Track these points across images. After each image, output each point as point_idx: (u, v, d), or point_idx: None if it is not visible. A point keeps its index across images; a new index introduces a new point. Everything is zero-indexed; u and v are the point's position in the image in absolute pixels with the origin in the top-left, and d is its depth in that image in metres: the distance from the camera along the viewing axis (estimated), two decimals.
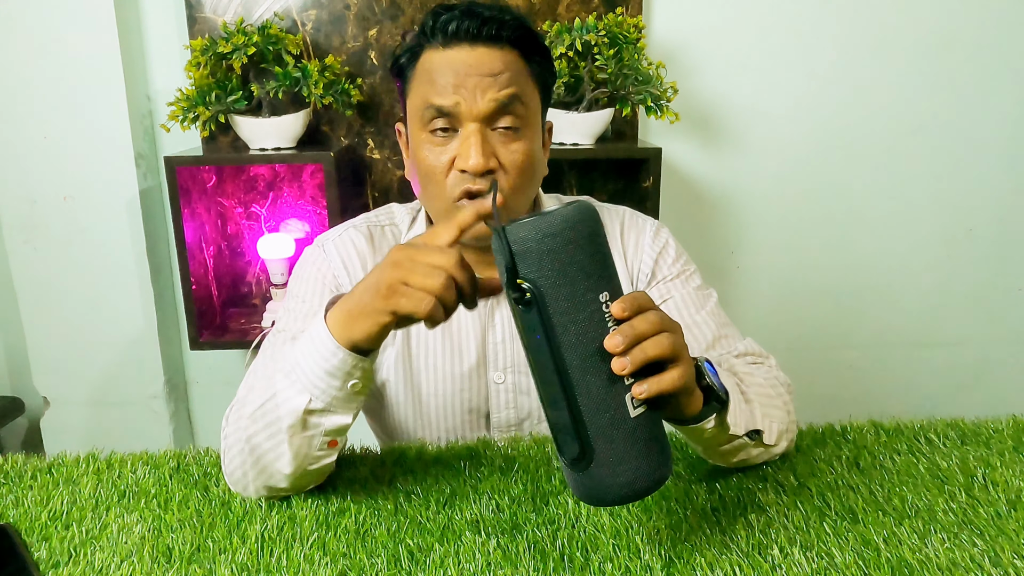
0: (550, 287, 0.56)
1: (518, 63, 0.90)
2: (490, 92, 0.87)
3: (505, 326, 1.00)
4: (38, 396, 1.87)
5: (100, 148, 1.68)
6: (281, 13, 1.66)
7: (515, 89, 0.88)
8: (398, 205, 1.06)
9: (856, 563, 0.66)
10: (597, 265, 0.58)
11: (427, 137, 0.90)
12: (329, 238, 1.01)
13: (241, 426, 0.77)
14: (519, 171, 0.90)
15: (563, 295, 0.56)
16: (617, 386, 0.58)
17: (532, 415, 1.02)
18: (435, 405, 1.01)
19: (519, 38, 0.90)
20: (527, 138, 0.91)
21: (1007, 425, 0.94)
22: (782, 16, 1.76)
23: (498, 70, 0.88)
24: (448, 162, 0.89)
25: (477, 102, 0.87)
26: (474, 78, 0.87)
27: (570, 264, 0.57)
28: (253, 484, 0.77)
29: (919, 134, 1.86)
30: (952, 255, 1.96)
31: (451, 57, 0.89)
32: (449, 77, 0.88)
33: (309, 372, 0.72)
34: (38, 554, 0.70)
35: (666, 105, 1.59)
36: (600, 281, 0.58)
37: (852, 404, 1.98)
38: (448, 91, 0.87)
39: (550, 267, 0.56)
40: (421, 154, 0.91)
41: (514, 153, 0.89)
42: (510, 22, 0.89)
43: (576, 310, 0.57)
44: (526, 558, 0.68)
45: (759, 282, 1.94)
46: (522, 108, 0.89)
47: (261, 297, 1.89)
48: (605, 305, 0.58)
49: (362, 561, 0.68)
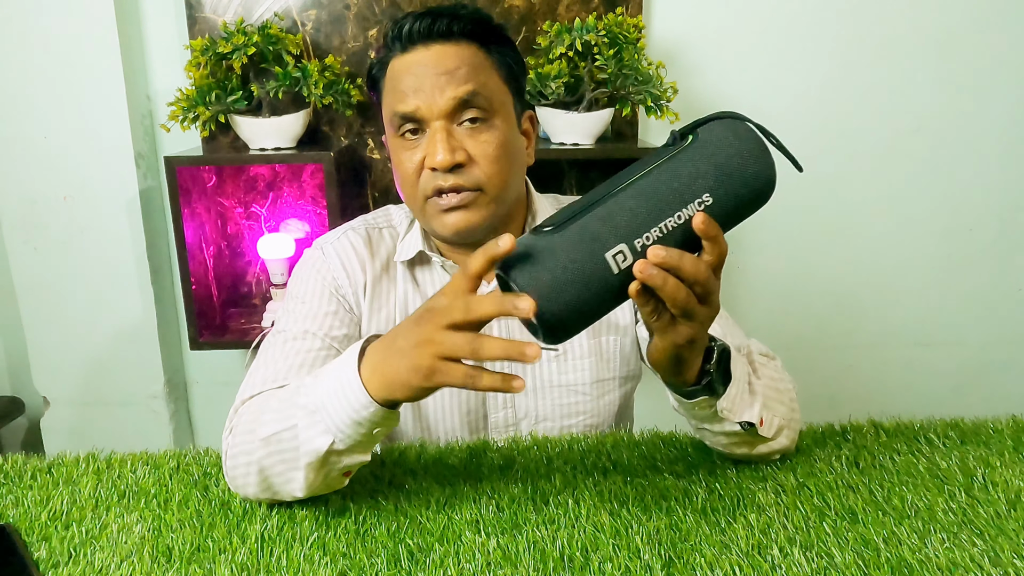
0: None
1: (476, 55, 0.91)
2: (448, 89, 0.88)
3: (501, 324, 1.00)
4: (38, 396, 1.87)
5: (100, 148, 1.68)
6: (281, 13, 1.66)
7: (473, 84, 0.89)
8: (395, 207, 1.06)
9: (856, 563, 0.66)
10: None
11: (399, 142, 0.92)
12: (328, 241, 1.01)
13: (252, 447, 0.75)
14: (491, 160, 0.90)
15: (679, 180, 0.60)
16: (627, 242, 0.58)
17: (530, 415, 1.02)
18: (433, 407, 1.01)
19: (472, 31, 0.91)
20: (496, 127, 0.91)
21: (1007, 425, 0.94)
22: (782, 16, 1.76)
23: (454, 66, 0.89)
24: (420, 162, 0.91)
25: (436, 101, 0.88)
26: (431, 78, 0.89)
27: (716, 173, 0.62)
28: (256, 494, 0.77)
29: (919, 134, 1.86)
30: (952, 255, 1.96)
31: (409, 61, 0.90)
32: (409, 81, 0.89)
33: (336, 417, 0.69)
34: (38, 554, 0.70)
35: (666, 105, 1.59)
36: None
37: (852, 404, 1.98)
38: (408, 96, 0.89)
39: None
40: (396, 158, 0.93)
41: (484, 144, 0.90)
42: (463, 15, 0.90)
43: (673, 204, 0.59)
44: (526, 558, 0.68)
45: (759, 282, 1.94)
46: (484, 100, 0.90)
47: (261, 297, 1.89)
48: (685, 221, 0.60)
49: (362, 561, 0.68)
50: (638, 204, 0.59)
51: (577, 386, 1.02)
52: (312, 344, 0.91)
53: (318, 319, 0.95)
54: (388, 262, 1.01)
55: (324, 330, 0.93)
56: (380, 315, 1.00)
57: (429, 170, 0.90)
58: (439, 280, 1.01)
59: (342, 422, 0.69)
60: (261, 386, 0.85)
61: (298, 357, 0.89)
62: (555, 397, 1.02)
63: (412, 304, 1.00)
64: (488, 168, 0.90)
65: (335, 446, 0.70)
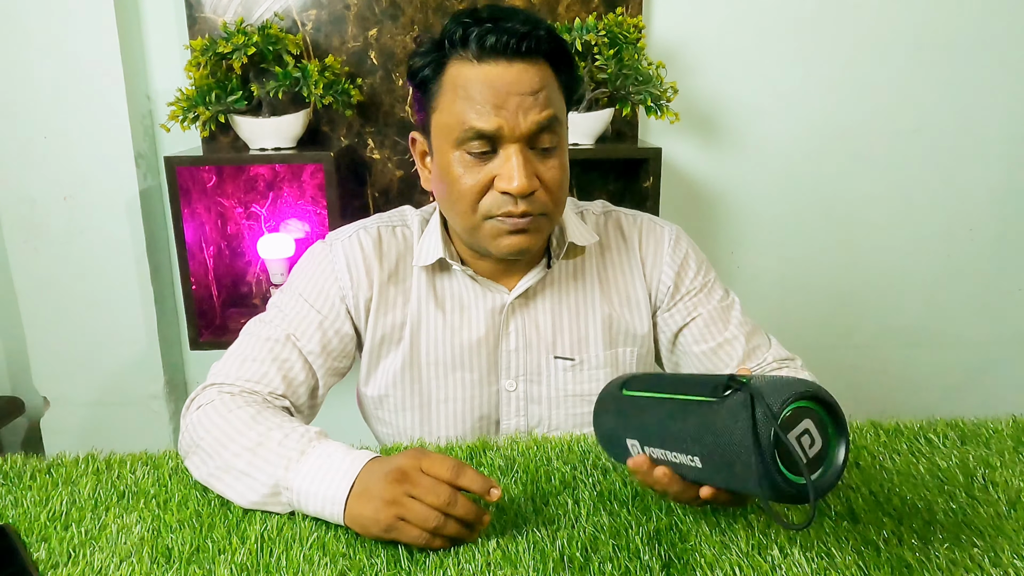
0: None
1: (550, 76, 0.88)
2: (532, 113, 0.85)
3: (519, 335, 0.99)
4: (38, 396, 1.87)
5: (100, 148, 1.68)
6: (281, 13, 1.66)
7: (553, 110, 0.87)
8: (411, 208, 1.05)
9: (856, 563, 0.66)
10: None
11: (461, 156, 0.88)
12: (340, 237, 1.00)
13: (203, 458, 0.81)
14: (558, 186, 0.90)
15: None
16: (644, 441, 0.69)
17: (542, 423, 1.02)
18: (444, 412, 1.00)
19: (551, 51, 0.88)
20: (561, 152, 0.90)
21: (1007, 425, 0.94)
22: (782, 16, 1.76)
23: (537, 87, 0.86)
24: (486, 181, 0.87)
25: (519, 124, 0.85)
26: (515, 98, 0.85)
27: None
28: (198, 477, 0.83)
29: (919, 134, 1.86)
30: (952, 255, 1.96)
31: (488, 73, 0.85)
32: (488, 96, 0.85)
33: (301, 506, 0.74)
34: (37, 554, 0.70)
35: (666, 105, 1.59)
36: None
37: (852, 404, 1.98)
38: (489, 113, 0.84)
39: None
40: (454, 172, 0.88)
41: (552, 170, 0.89)
42: (544, 36, 0.86)
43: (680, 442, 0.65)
44: (526, 558, 0.68)
45: (759, 282, 1.94)
46: (559, 124, 0.88)
47: (261, 297, 1.89)
48: (677, 462, 0.66)
49: (362, 561, 0.68)
50: (654, 420, 0.68)
51: (592, 396, 0.99)
52: (289, 354, 0.94)
53: (302, 325, 0.96)
54: (398, 264, 1.00)
55: (304, 340, 0.96)
56: (386, 320, 0.99)
57: (499, 192, 0.87)
58: (459, 288, 0.99)
59: (306, 509, 0.74)
60: (235, 378, 0.91)
61: (274, 365, 0.93)
62: (569, 407, 1.01)
63: (426, 314, 0.99)
64: (554, 194, 0.90)
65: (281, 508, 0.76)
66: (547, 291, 1.00)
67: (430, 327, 0.98)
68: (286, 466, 0.74)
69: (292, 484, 0.74)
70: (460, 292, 0.99)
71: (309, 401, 0.97)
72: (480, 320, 0.98)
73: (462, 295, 0.99)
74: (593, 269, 1.02)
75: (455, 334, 0.98)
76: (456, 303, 0.99)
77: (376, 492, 0.70)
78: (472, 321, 0.98)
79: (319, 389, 0.97)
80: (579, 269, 1.01)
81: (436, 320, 0.98)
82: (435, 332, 0.99)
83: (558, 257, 0.99)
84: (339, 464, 0.73)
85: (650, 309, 1.04)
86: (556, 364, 1.00)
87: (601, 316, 1.01)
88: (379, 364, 1.01)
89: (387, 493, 0.69)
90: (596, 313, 1.01)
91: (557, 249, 0.99)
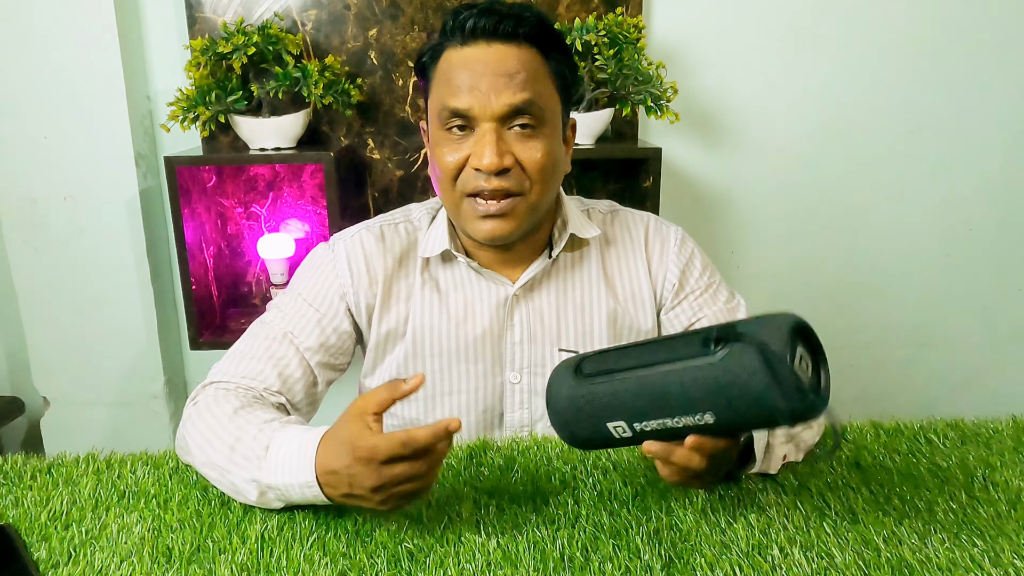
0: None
1: (535, 61, 0.90)
2: (505, 94, 0.87)
3: (524, 327, 1.00)
4: (38, 396, 1.87)
5: (100, 148, 1.68)
6: (281, 13, 1.66)
7: (530, 93, 0.88)
8: (416, 205, 1.06)
9: (856, 563, 0.66)
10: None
11: (444, 135, 0.91)
12: (342, 237, 1.02)
13: (198, 454, 0.81)
14: (537, 168, 0.90)
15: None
16: (628, 420, 0.67)
17: (546, 416, 1.02)
18: (449, 405, 1.01)
19: (537, 35, 0.89)
20: (545, 136, 0.90)
21: (1007, 425, 0.94)
22: (782, 16, 1.76)
23: (514, 69, 0.87)
24: (463, 159, 0.90)
25: (491, 103, 0.87)
26: (489, 78, 0.87)
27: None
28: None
29: (919, 134, 1.86)
30: (952, 255, 1.96)
31: (467, 55, 0.88)
32: (465, 77, 0.87)
33: (289, 500, 0.75)
34: (38, 554, 0.70)
35: (666, 105, 1.59)
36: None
37: (852, 404, 1.98)
38: (463, 92, 0.87)
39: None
40: (438, 151, 0.92)
41: (532, 150, 0.89)
42: (528, 19, 0.88)
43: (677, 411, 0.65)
44: (526, 558, 0.68)
45: (759, 282, 1.94)
46: (538, 108, 0.89)
47: (261, 297, 1.89)
48: (683, 426, 0.65)
49: (362, 561, 0.68)
50: (645, 395, 0.65)
51: None
52: (286, 351, 0.95)
53: (300, 323, 0.97)
54: (403, 257, 1.01)
55: (301, 337, 0.96)
56: (391, 315, 1.00)
57: (473, 170, 0.89)
58: (463, 280, 1.00)
59: (290, 498, 0.74)
60: (231, 375, 0.91)
61: (270, 362, 0.94)
62: None
63: (431, 307, 1.00)
64: (532, 174, 0.90)
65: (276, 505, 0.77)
66: (551, 283, 1.01)
67: (435, 320, 0.99)
68: (258, 465, 0.75)
69: (271, 482, 0.74)
70: (464, 284, 1.00)
71: (307, 398, 0.97)
72: (485, 312, 0.99)
73: (466, 287, 1.00)
74: (598, 264, 1.03)
75: (459, 327, 0.99)
76: (460, 295, 1.00)
77: (359, 488, 0.70)
78: (477, 313, 0.99)
79: (317, 386, 0.98)
80: (583, 263, 1.02)
81: (441, 313, 0.99)
82: (440, 325, 0.99)
83: (559, 247, 0.99)
84: (297, 451, 0.74)
85: (655, 306, 1.04)
86: (561, 357, 1.00)
87: (606, 310, 1.01)
88: (384, 358, 1.02)
89: (368, 480, 0.69)
90: (601, 307, 1.01)
91: (558, 240, 1.00)
